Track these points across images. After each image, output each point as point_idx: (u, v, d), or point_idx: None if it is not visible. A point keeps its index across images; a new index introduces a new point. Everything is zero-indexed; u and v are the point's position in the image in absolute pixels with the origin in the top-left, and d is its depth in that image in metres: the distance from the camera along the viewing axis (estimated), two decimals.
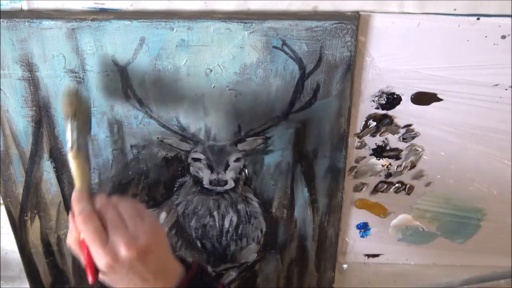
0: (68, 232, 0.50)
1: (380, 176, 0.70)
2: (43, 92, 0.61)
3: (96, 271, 0.47)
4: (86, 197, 0.50)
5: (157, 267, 0.48)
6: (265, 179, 0.69)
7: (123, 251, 0.45)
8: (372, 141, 0.67)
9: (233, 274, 0.78)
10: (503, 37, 0.57)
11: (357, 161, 0.68)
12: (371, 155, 0.68)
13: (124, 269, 0.46)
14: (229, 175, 0.67)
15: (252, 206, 0.71)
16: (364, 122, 0.65)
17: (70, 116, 0.54)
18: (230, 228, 0.72)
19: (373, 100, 0.63)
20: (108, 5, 0.57)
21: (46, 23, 0.56)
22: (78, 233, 0.48)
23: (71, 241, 0.49)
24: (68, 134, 0.53)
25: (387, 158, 0.68)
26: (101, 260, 0.45)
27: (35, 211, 0.71)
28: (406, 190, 0.71)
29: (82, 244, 0.48)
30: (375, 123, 0.65)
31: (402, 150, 0.67)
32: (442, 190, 0.71)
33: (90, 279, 0.47)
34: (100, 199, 0.50)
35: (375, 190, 0.71)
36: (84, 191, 0.51)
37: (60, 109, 0.59)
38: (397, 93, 0.62)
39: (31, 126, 0.64)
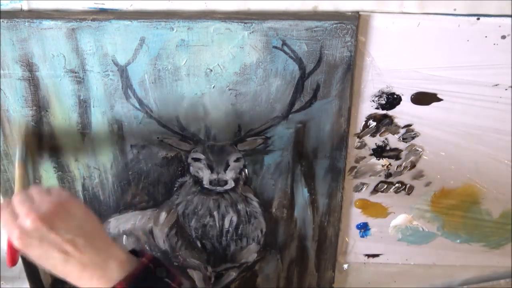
0: None
1: (380, 176, 0.70)
2: (43, 92, 0.61)
3: (15, 252, 0.50)
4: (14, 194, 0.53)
5: (74, 232, 0.47)
6: (265, 179, 0.69)
7: (26, 220, 0.46)
8: (372, 141, 0.67)
9: (233, 274, 0.78)
10: (503, 37, 0.57)
11: (357, 161, 0.68)
12: (371, 155, 0.68)
13: (35, 241, 0.46)
14: (229, 175, 0.67)
15: (252, 206, 0.71)
16: (364, 122, 0.65)
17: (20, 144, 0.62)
18: (230, 228, 0.72)
19: (373, 100, 0.63)
20: (108, 5, 0.57)
21: (46, 23, 0.56)
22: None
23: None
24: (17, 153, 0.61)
25: (387, 158, 0.68)
26: (11, 235, 0.47)
27: None
28: (406, 190, 0.71)
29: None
30: (375, 123, 0.65)
31: (402, 150, 0.67)
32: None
33: (7, 262, 0.51)
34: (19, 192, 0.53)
35: (375, 190, 0.71)
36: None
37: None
38: (397, 93, 0.62)
39: (31, 126, 0.64)
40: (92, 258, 0.47)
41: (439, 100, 0.62)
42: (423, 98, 0.62)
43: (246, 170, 0.68)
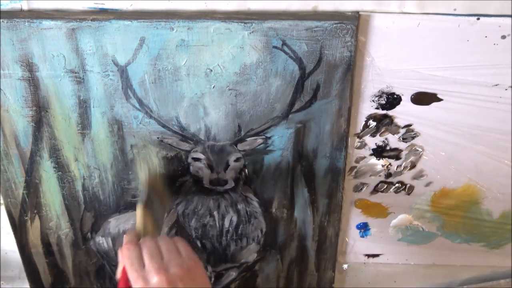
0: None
1: (380, 176, 0.70)
2: (43, 92, 0.61)
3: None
4: (135, 233, 0.56)
5: None
6: (265, 179, 0.69)
7: (154, 277, 0.48)
8: (372, 141, 0.67)
9: (233, 274, 0.78)
10: (503, 37, 0.57)
11: (357, 161, 0.68)
12: (371, 155, 0.68)
13: None
14: (229, 175, 0.67)
15: (252, 206, 0.71)
16: (364, 122, 0.65)
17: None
18: (230, 228, 0.72)
19: (373, 100, 0.63)
20: (108, 5, 0.57)
21: (46, 23, 0.56)
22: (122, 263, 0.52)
23: (118, 272, 0.53)
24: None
25: (387, 158, 0.68)
26: (134, 283, 0.49)
27: (35, 211, 0.71)
28: (406, 190, 0.71)
29: (123, 271, 0.51)
30: (375, 123, 0.65)
31: (402, 150, 0.67)
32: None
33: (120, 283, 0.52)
34: (147, 238, 0.54)
35: (375, 190, 0.71)
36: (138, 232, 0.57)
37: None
38: (397, 93, 0.62)
39: (31, 126, 0.64)
40: None
41: (439, 100, 0.62)
42: (423, 98, 0.62)
43: (246, 170, 0.68)
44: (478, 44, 0.58)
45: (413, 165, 0.69)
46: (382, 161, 0.68)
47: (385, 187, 0.71)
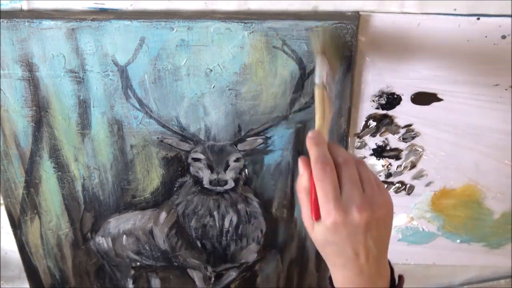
0: (299, 177, 0.46)
1: (380, 176, 0.70)
2: (43, 92, 0.61)
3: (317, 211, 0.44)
4: (324, 141, 0.46)
5: (375, 244, 0.44)
6: (265, 179, 0.69)
7: (355, 212, 0.42)
8: (372, 141, 0.67)
9: (233, 274, 0.78)
10: (503, 37, 0.57)
11: None
12: (371, 155, 0.68)
13: (345, 232, 0.43)
14: (229, 175, 0.67)
15: (252, 206, 0.71)
16: (364, 122, 0.65)
17: (320, 53, 0.53)
18: (230, 228, 0.72)
19: (373, 100, 0.63)
20: (108, 5, 0.57)
21: (46, 23, 0.56)
22: (309, 179, 0.45)
23: (300, 186, 0.46)
24: (317, 69, 0.52)
25: (387, 158, 0.68)
26: (329, 214, 0.42)
27: (35, 211, 0.71)
28: (406, 190, 0.71)
29: (312, 190, 0.44)
30: (375, 123, 0.65)
31: (402, 150, 0.67)
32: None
33: (313, 215, 0.45)
34: (336, 147, 0.46)
35: None
36: (323, 134, 0.48)
37: (312, 44, 0.57)
38: (397, 93, 0.62)
39: (31, 126, 0.64)
40: (371, 271, 0.44)
41: (439, 100, 0.62)
42: (423, 98, 0.62)
43: (246, 170, 0.68)
44: (478, 44, 0.58)
45: (413, 165, 0.69)
46: (382, 161, 0.68)
47: (385, 187, 0.71)
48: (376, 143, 0.67)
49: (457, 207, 0.73)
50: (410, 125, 0.65)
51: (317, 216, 0.44)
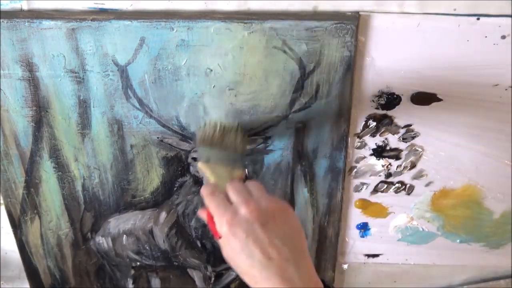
0: (199, 211, 0.52)
1: (380, 176, 0.70)
2: (43, 92, 0.61)
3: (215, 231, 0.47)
4: (212, 185, 0.52)
5: (282, 241, 0.43)
6: (265, 179, 0.69)
7: (243, 209, 0.44)
8: (372, 141, 0.67)
9: (233, 274, 0.78)
10: (503, 37, 0.57)
11: (357, 161, 0.68)
12: (371, 155, 0.68)
13: (242, 229, 0.43)
14: None
15: None
16: (364, 122, 0.65)
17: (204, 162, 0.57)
18: None
19: (373, 100, 0.63)
20: (108, 5, 0.57)
21: (46, 23, 0.56)
22: (206, 208, 0.48)
23: (201, 213, 0.51)
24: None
25: (387, 158, 0.68)
26: (222, 220, 0.45)
27: (35, 211, 0.71)
28: (406, 190, 0.71)
29: (208, 216, 0.48)
30: (375, 123, 0.65)
31: (402, 150, 0.67)
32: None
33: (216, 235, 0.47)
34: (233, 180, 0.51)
35: (375, 190, 0.71)
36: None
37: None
38: (397, 93, 0.62)
39: (31, 126, 0.64)
40: (288, 273, 0.43)
41: (439, 100, 0.62)
42: (423, 98, 0.62)
43: (246, 170, 0.68)
44: (478, 44, 0.58)
45: (413, 165, 0.69)
46: (382, 161, 0.68)
47: (385, 187, 0.71)
48: (376, 143, 0.67)
49: (457, 207, 0.73)
50: (410, 125, 0.65)
51: (217, 234, 0.46)
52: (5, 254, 0.79)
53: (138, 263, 0.76)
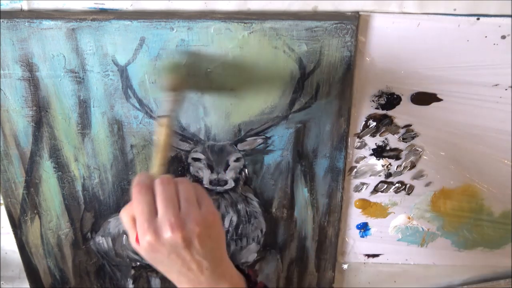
0: (126, 206, 0.47)
1: (380, 176, 0.70)
2: (43, 92, 0.61)
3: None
4: (148, 175, 0.48)
5: (203, 256, 0.45)
6: (265, 179, 0.69)
7: (167, 232, 0.43)
8: (372, 141, 0.67)
9: None
10: (503, 37, 0.57)
11: (357, 161, 0.68)
12: (371, 155, 0.68)
13: (165, 250, 0.44)
14: (229, 175, 0.67)
15: (252, 206, 0.71)
16: (364, 122, 0.65)
17: (171, 90, 0.55)
18: (230, 228, 0.72)
19: (373, 100, 0.63)
20: (108, 5, 0.57)
21: (46, 23, 0.56)
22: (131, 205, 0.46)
23: (123, 211, 0.46)
24: (165, 104, 0.54)
25: (387, 158, 0.68)
26: (144, 235, 0.43)
27: (35, 211, 0.71)
28: (406, 190, 0.71)
29: (132, 217, 0.45)
30: (375, 123, 0.65)
31: (402, 150, 0.67)
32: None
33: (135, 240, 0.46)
34: (163, 177, 0.48)
35: (375, 190, 0.71)
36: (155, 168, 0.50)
37: (163, 80, 0.58)
38: (397, 93, 0.62)
39: (31, 126, 0.64)
40: (209, 281, 0.47)
41: (439, 100, 0.62)
42: (423, 98, 0.62)
43: (246, 170, 0.68)
44: (478, 44, 0.58)
45: (413, 165, 0.69)
46: (382, 161, 0.68)
47: (385, 187, 0.71)
48: (376, 143, 0.67)
49: (456, 207, 0.73)
50: (410, 125, 0.65)
51: (137, 240, 0.45)
52: (5, 254, 0.79)
53: (138, 263, 0.76)
